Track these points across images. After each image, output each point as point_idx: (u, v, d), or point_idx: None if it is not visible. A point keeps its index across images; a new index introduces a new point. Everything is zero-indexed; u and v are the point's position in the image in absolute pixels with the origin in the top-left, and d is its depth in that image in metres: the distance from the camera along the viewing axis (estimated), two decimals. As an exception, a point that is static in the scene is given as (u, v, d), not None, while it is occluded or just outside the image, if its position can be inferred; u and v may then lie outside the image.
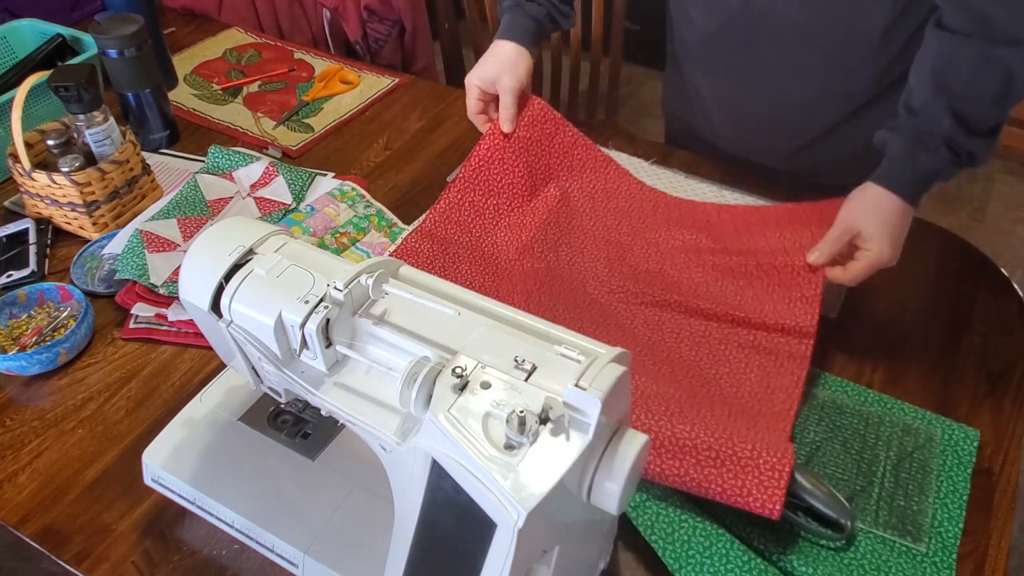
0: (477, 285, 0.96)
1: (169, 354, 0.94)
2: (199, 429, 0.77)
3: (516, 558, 0.51)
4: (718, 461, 0.73)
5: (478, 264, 0.99)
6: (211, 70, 1.45)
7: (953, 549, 0.75)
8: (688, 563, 0.71)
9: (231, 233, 0.65)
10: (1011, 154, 2.64)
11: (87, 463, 0.83)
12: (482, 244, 1.01)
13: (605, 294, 0.99)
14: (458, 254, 0.99)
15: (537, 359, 0.55)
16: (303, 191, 1.14)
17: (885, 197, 0.87)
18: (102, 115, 1.06)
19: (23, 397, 0.90)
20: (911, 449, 0.83)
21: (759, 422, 0.81)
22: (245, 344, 0.63)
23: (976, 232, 2.42)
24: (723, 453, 0.73)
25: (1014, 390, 0.89)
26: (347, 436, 0.76)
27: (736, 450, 0.73)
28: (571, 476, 0.51)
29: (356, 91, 1.39)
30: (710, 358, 0.91)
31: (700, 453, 0.74)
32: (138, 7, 1.23)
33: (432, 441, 0.53)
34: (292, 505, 0.71)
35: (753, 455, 0.73)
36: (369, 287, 0.60)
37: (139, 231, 1.02)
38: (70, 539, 0.77)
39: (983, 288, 1.02)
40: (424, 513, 0.56)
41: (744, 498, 0.72)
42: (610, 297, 0.98)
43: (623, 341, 0.91)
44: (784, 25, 1.02)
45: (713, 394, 0.86)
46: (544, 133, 1.06)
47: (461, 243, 1.00)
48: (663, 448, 0.75)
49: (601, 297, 0.98)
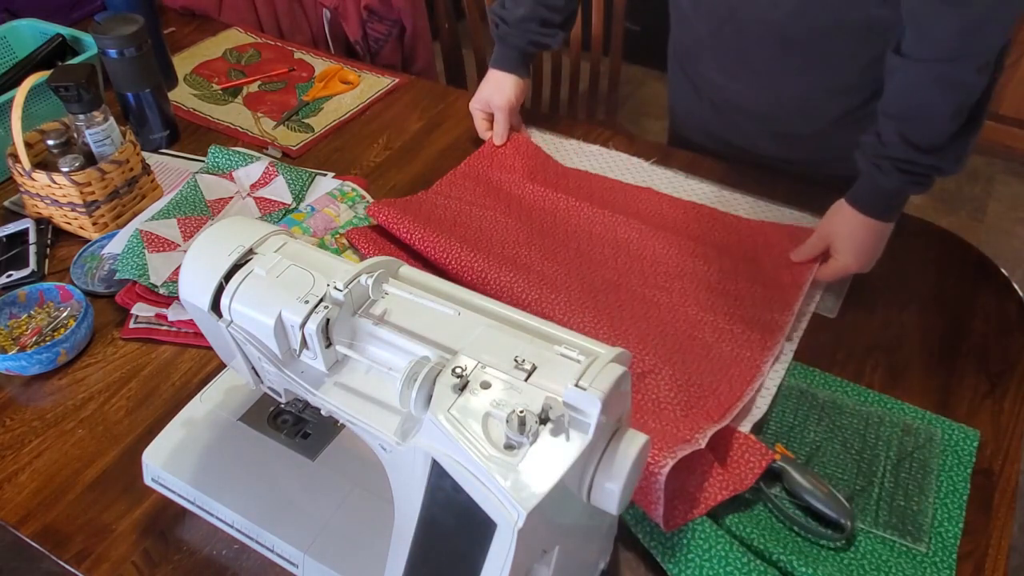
0: (454, 248, 1.00)
1: (169, 354, 0.94)
2: (199, 429, 0.77)
3: (516, 558, 0.51)
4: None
5: (459, 229, 1.05)
6: (211, 70, 1.45)
7: (953, 549, 0.75)
8: (688, 565, 0.71)
9: (231, 233, 0.65)
10: (1011, 154, 2.64)
11: (87, 463, 0.83)
12: (467, 215, 1.08)
13: (588, 255, 1.04)
14: (443, 217, 1.07)
15: (537, 359, 0.55)
16: (303, 191, 1.14)
17: (852, 214, 0.95)
18: (102, 115, 1.06)
19: (23, 397, 0.90)
20: (911, 449, 0.83)
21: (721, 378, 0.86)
22: (245, 344, 0.63)
23: (976, 232, 2.42)
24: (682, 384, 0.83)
25: (1014, 390, 0.89)
26: (347, 436, 0.76)
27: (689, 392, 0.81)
28: (571, 476, 0.51)
29: (356, 91, 1.39)
30: (695, 313, 0.95)
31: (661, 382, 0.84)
32: (138, 7, 1.23)
33: (432, 441, 0.53)
34: (292, 505, 0.71)
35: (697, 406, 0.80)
36: (369, 287, 0.60)
37: (139, 231, 1.02)
38: (70, 539, 0.77)
39: (983, 288, 1.02)
40: (424, 513, 0.56)
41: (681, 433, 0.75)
42: (592, 259, 1.04)
43: (606, 292, 0.97)
44: (769, 27, 1.05)
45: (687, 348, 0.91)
46: (530, 150, 1.21)
47: (447, 209, 1.08)
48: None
49: (588, 253, 1.04)
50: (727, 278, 1.00)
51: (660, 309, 0.95)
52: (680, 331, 0.92)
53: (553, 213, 1.10)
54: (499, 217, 1.08)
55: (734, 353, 0.89)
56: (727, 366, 0.88)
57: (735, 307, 0.96)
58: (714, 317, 0.94)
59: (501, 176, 1.16)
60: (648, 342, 0.90)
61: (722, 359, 0.89)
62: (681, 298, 0.97)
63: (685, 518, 0.73)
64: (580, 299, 0.94)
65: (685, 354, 0.89)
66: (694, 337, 0.92)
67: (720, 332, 0.92)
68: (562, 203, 1.11)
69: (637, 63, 2.98)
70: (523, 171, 1.17)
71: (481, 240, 1.03)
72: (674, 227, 1.08)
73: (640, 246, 1.04)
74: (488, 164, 1.18)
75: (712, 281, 0.99)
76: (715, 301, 0.96)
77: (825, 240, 0.98)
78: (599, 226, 1.07)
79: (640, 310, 0.95)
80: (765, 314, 0.95)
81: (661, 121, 1.41)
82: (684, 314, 0.95)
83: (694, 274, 1.00)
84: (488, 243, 1.03)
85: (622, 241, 1.05)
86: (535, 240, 1.04)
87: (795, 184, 1.15)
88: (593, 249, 1.04)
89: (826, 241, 0.98)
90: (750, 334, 0.92)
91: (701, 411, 0.81)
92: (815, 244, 0.99)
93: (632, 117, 2.87)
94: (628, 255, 1.03)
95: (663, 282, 0.99)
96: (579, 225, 1.08)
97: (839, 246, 0.97)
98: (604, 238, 1.06)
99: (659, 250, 1.04)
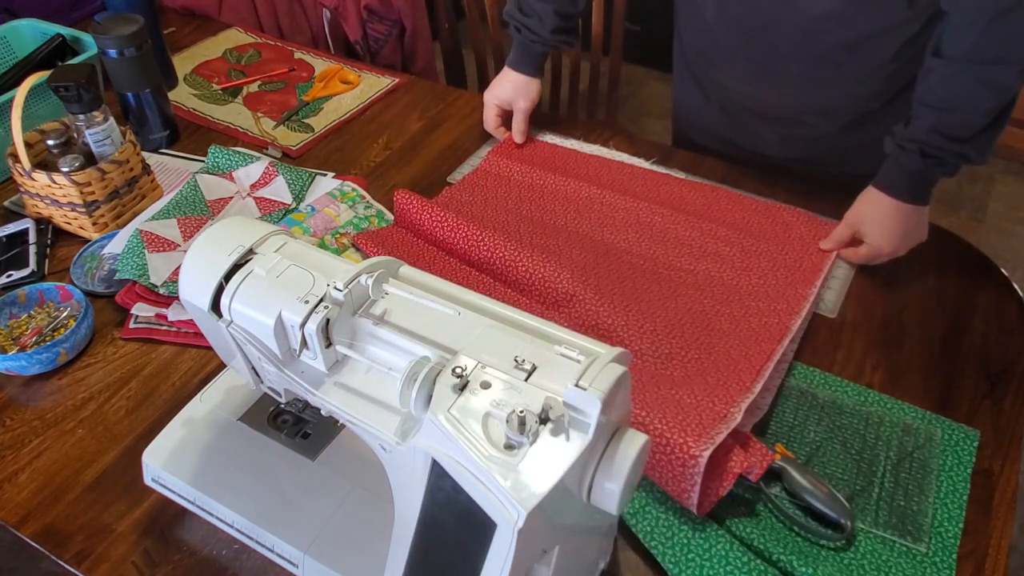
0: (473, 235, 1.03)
1: (169, 354, 0.94)
2: (199, 429, 0.77)
3: (516, 558, 0.51)
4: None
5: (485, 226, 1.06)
6: (211, 70, 1.45)
7: (953, 549, 0.75)
8: (688, 565, 0.71)
9: (231, 233, 0.65)
10: (1011, 154, 2.64)
11: (87, 463, 0.83)
12: (493, 207, 1.12)
13: (607, 242, 1.07)
14: (470, 209, 1.11)
15: (537, 359, 0.55)
16: (303, 191, 1.14)
17: (877, 197, 0.97)
18: (102, 115, 1.06)
19: (23, 397, 0.90)
20: (911, 449, 0.83)
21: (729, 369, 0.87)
22: (245, 344, 0.63)
23: (976, 232, 2.42)
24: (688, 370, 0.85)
25: (1014, 390, 0.89)
26: (347, 436, 0.75)
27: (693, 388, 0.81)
28: (571, 476, 0.51)
29: (356, 91, 1.39)
30: (710, 297, 0.98)
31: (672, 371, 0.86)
32: (138, 7, 1.23)
33: (432, 441, 0.53)
34: (292, 505, 0.71)
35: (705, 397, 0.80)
36: (369, 287, 0.60)
37: (139, 231, 1.02)
38: (70, 539, 0.77)
39: (983, 288, 1.02)
40: (424, 513, 0.56)
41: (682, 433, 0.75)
42: (615, 243, 1.07)
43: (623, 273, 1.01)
44: (802, 40, 1.05)
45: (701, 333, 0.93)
46: (548, 149, 1.25)
47: (474, 204, 1.13)
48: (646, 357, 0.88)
49: (606, 240, 1.07)
50: (749, 256, 1.03)
51: (687, 290, 0.98)
52: (707, 310, 0.95)
53: (576, 202, 1.13)
54: (524, 208, 1.11)
55: (761, 323, 0.92)
56: (755, 336, 0.90)
57: (759, 284, 0.99)
58: (739, 296, 0.97)
59: (522, 170, 1.19)
60: (675, 324, 0.93)
61: (750, 331, 0.91)
62: (706, 279, 1.00)
63: (711, 501, 0.74)
64: (608, 285, 0.97)
65: (712, 334, 0.92)
66: (721, 314, 0.94)
67: (746, 309, 0.95)
68: (584, 192, 1.14)
69: (637, 63, 2.98)
70: (543, 164, 1.20)
71: (509, 228, 1.06)
72: (694, 210, 1.11)
73: (663, 230, 1.07)
74: (508, 161, 1.20)
75: (735, 260, 1.02)
76: (739, 280, 0.99)
77: (852, 227, 1.00)
78: (622, 212, 1.10)
79: (668, 291, 0.98)
80: (789, 289, 0.97)
81: (661, 121, 1.41)
82: (710, 293, 0.97)
83: (717, 255, 1.03)
84: (516, 232, 1.06)
85: (645, 226, 1.08)
86: (561, 228, 1.07)
87: (796, 183, 1.15)
88: (617, 236, 1.07)
89: (853, 228, 1.00)
90: (775, 305, 0.95)
91: (734, 380, 0.83)
92: (842, 231, 1.01)
93: (632, 117, 2.87)
94: (652, 240, 1.06)
95: (687, 264, 1.02)
96: (602, 213, 1.11)
97: (866, 230, 0.99)
98: (628, 224, 1.09)
99: (682, 233, 1.07)
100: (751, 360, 0.87)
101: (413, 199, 1.06)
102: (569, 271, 0.97)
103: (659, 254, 1.04)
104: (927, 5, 0.95)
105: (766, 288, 0.98)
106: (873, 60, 1.04)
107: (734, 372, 0.85)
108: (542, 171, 1.18)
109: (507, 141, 1.24)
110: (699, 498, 0.73)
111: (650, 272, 1.01)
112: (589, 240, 1.06)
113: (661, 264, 1.02)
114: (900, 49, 1.01)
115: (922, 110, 0.91)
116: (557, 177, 1.16)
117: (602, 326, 0.92)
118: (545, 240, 1.05)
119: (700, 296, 0.97)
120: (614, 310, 0.93)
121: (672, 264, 1.02)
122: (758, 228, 1.07)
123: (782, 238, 1.05)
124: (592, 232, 1.08)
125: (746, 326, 0.92)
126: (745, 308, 0.95)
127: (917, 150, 0.91)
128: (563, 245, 1.04)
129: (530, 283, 0.98)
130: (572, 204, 1.12)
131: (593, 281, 0.97)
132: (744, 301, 0.96)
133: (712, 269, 1.01)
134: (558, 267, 0.97)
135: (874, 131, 0.98)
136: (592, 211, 1.11)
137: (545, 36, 1.18)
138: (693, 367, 0.87)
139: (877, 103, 1.10)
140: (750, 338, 0.90)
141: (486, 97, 1.25)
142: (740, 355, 0.88)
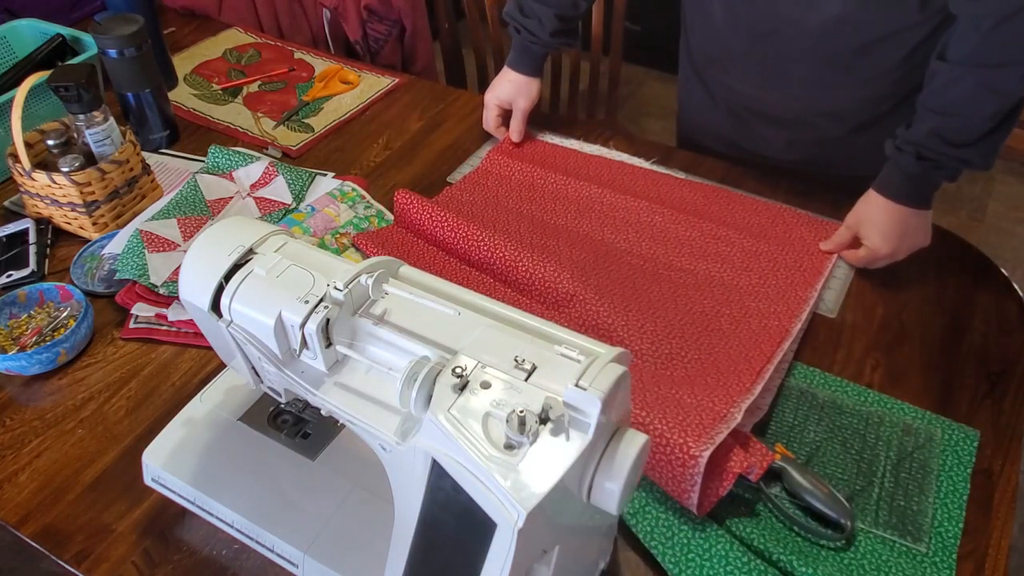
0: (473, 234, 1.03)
1: (169, 354, 0.94)
2: (199, 429, 0.77)
3: (516, 558, 0.51)
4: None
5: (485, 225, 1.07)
6: (211, 70, 1.45)
7: (953, 549, 0.75)
8: (688, 565, 0.71)
9: (231, 233, 0.65)
10: (1011, 154, 2.64)
11: (87, 463, 0.83)
12: (493, 207, 1.12)
13: (608, 242, 1.07)
14: (471, 209, 1.12)
15: (537, 359, 0.55)
16: (303, 191, 1.14)
17: (876, 199, 0.97)
18: (102, 115, 1.06)
19: (23, 397, 0.90)
20: (911, 449, 0.83)
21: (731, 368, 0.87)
22: (245, 344, 0.63)
23: (976, 232, 2.42)
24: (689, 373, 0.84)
25: (1014, 390, 0.89)
26: (347, 436, 0.75)
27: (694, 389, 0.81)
28: (571, 476, 0.51)
29: (356, 91, 1.39)
30: (711, 296, 0.98)
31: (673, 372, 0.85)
32: (138, 7, 1.23)
33: (432, 441, 0.53)
34: (292, 505, 0.71)
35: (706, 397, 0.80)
36: (369, 287, 0.60)
37: (139, 231, 1.02)
38: (70, 539, 0.77)
39: (983, 288, 1.02)
40: (424, 513, 0.56)
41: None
42: (613, 243, 1.07)
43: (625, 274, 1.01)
44: (813, 44, 1.05)
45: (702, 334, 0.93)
46: (548, 149, 1.25)
47: (474, 204, 1.13)
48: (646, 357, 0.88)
49: (605, 240, 1.07)
50: (749, 257, 1.03)
51: (687, 290, 0.98)
52: (707, 310, 0.95)
53: (576, 202, 1.13)
54: (524, 208, 1.11)
55: (761, 324, 0.92)
56: (756, 337, 0.90)
57: (759, 284, 0.99)
58: (740, 297, 0.97)
59: (522, 169, 1.19)
60: (675, 324, 0.93)
61: (750, 332, 0.92)
62: (706, 279, 1.00)
63: (711, 501, 0.74)
64: (608, 285, 0.97)
65: (712, 334, 0.92)
66: (721, 314, 0.95)
67: (746, 309, 0.95)
68: (584, 192, 1.14)
69: (637, 63, 2.98)
70: (543, 164, 1.20)
71: (509, 228, 1.06)
72: (694, 211, 1.11)
73: (663, 230, 1.07)
74: (508, 160, 1.21)
75: (736, 260, 1.02)
76: (739, 280, 1.00)
77: (852, 229, 1.00)
78: (622, 212, 1.11)
79: (668, 291, 0.98)
80: (789, 290, 0.98)
81: (661, 121, 1.41)
82: (710, 294, 0.97)
83: (717, 255, 1.03)
84: (516, 232, 1.06)
85: (645, 226, 1.08)
86: (561, 228, 1.07)
87: (796, 183, 1.15)
88: (617, 236, 1.07)
89: (853, 230, 1.00)
90: (775, 307, 0.95)
91: (734, 381, 0.84)
92: (843, 234, 1.02)
93: (632, 117, 2.87)
94: (652, 240, 1.06)
95: (688, 264, 1.02)
96: (602, 213, 1.11)
97: (865, 232, 0.99)
98: (628, 224, 1.09)
99: (682, 233, 1.07)
100: (751, 361, 0.87)
101: (413, 199, 1.06)
102: (569, 271, 0.97)
103: (659, 254, 1.04)
104: (939, 8, 0.95)
105: (766, 289, 0.98)
106: (883, 63, 1.04)
107: (734, 372, 0.85)
108: (542, 171, 1.18)
109: (507, 141, 1.25)
110: (699, 498, 0.73)
111: (650, 272, 1.01)
112: (589, 240, 1.06)
113: (661, 264, 1.02)
114: (910, 52, 1.01)
115: (925, 114, 0.91)
116: (557, 177, 1.16)
117: (602, 326, 0.92)
118: (545, 240, 1.05)
119: (700, 296, 0.97)
120: (614, 310, 0.93)
121: (672, 264, 1.02)
122: (759, 228, 1.07)
123: (782, 239, 1.05)
124: (592, 232, 1.08)
125: (746, 327, 0.92)
126: (745, 309, 0.95)
127: (914, 152, 0.91)
128: (563, 245, 1.04)
129: (530, 283, 0.98)
130: (572, 204, 1.12)
131: (593, 281, 0.97)
132: (744, 301, 0.96)
133: (712, 269, 1.01)
134: (558, 267, 0.97)
135: (882, 133, 0.98)
136: (592, 211, 1.11)
137: (545, 38, 1.18)
138: (693, 367, 0.87)
139: (886, 106, 1.10)
140: (750, 339, 0.90)
141: (486, 97, 1.25)
142: (740, 355, 0.88)
